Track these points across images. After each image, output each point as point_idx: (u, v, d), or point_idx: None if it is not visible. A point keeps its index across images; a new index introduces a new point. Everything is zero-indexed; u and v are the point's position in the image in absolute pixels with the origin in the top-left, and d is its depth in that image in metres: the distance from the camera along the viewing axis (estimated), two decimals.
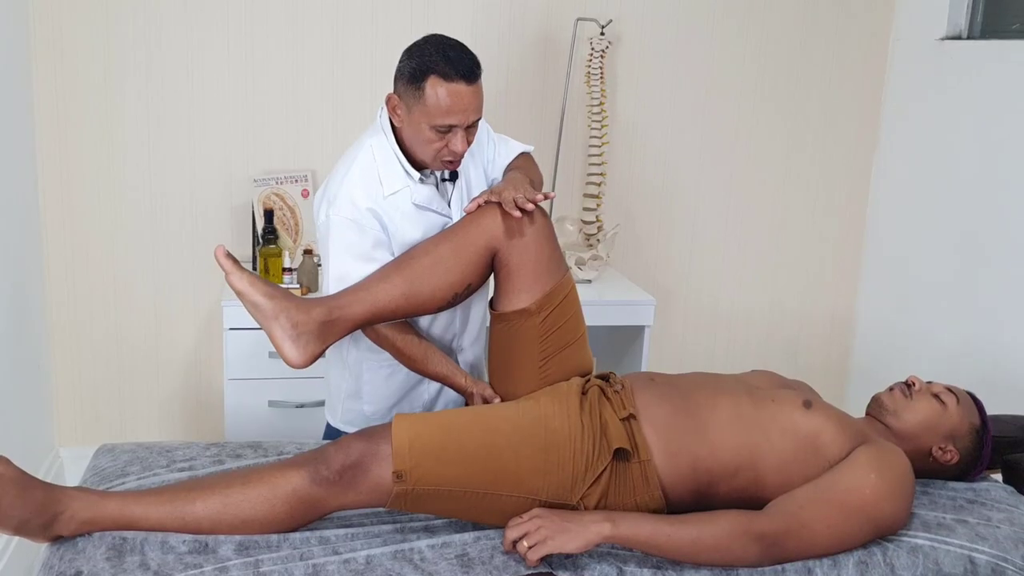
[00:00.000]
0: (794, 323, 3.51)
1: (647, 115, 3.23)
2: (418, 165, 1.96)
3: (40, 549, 1.70)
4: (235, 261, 1.72)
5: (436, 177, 2.01)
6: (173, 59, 2.88)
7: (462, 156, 1.90)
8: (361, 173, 1.93)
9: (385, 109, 1.96)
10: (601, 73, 3.03)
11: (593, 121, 3.06)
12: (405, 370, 2.03)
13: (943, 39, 3.11)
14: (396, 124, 1.92)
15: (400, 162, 1.94)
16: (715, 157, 3.31)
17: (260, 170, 2.98)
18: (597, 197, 3.06)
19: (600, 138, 3.05)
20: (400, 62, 1.88)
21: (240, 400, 2.70)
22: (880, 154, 3.40)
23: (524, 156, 2.15)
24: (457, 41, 1.88)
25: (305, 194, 2.98)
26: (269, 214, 2.84)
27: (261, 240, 2.83)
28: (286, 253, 2.77)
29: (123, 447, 2.00)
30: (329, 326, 1.78)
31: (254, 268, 2.91)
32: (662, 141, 3.26)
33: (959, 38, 3.10)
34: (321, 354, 1.79)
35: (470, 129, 1.89)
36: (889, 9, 3.30)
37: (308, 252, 2.79)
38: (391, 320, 1.89)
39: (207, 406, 3.12)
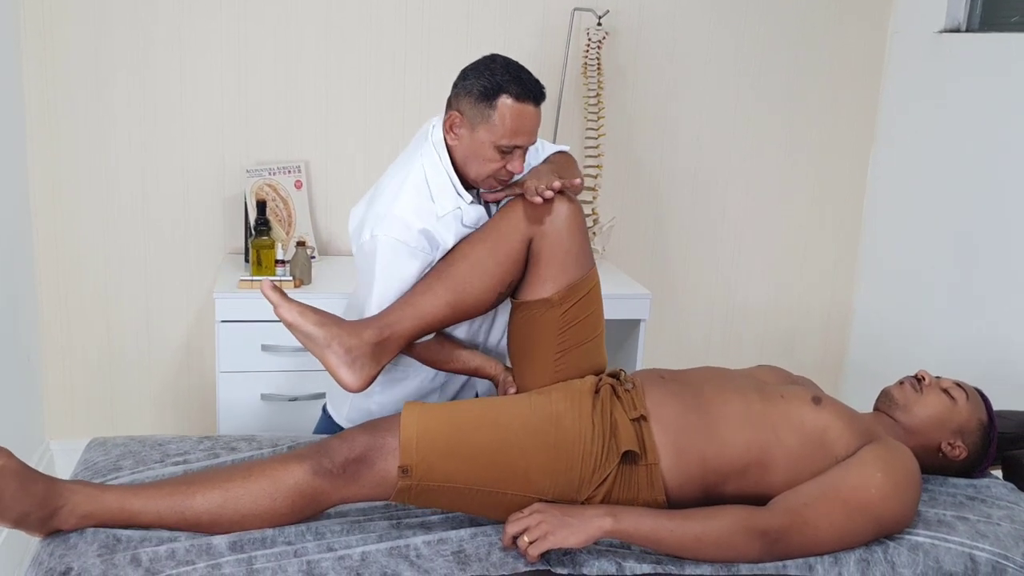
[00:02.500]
0: (790, 318, 3.50)
1: (644, 107, 3.21)
2: (467, 185, 1.94)
3: (30, 545, 1.67)
4: (283, 293, 1.73)
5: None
6: (165, 48, 2.85)
7: (517, 175, 1.89)
8: (415, 192, 1.88)
9: (438, 126, 1.92)
10: (598, 64, 3.00)
11: (589, 113, 3.03)
12: (419, 377, 2.02)
13: (942, 32, 3.10)
14: (450, 143, 1.88)
15: (452, 182, 1.90)
16: (712, 150, 3.29)
17: (253, 161, 2.95)
18: (593, 190, 3.04)
19: (597, 130, 3.03)
20: (465, 80, 1.86)
21: (233, 393, 2.68)
22: (878, 147, 3.38)
23: (560, 154, 2.11)
24: (518, 63, 1.89)
25: (298, 185, 2.95)
26: (262, 205, 2.81)
27: (253, 231, 2.80)
28: (279, 245, 2.74)
29: (115, 440, 1.97)
30: (381, 346, 1.78)
31: (246, 260, 2.89)
32: (659, 133, 3.24)
33: (958, 31, 3.09)
34: (377, 375, 1.79)
35: (526, 151, 1.88)
36: (888, 1, 3.28)
37: (301, 244, 2.76)
38: (439, 329, 1.88)
39: (199, 399, 3.09)
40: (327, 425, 2.19)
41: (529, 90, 1.83)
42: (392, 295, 1.87)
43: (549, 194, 1.81)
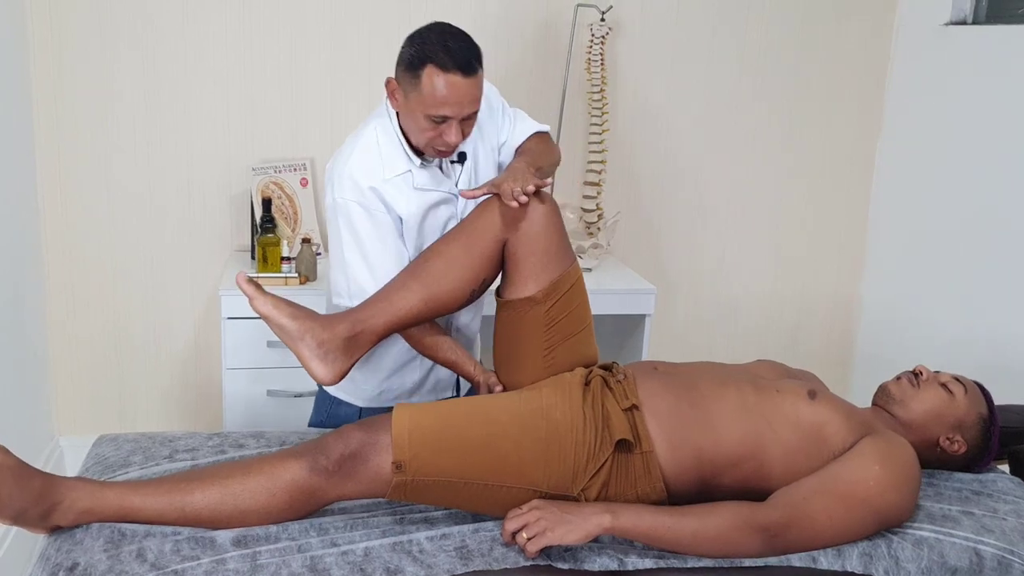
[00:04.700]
0: (797, 311, 3.49)
1: (648, 102, 3.20)
2: (418, 149, 1.96)
3: (37, 541, 1.68)
4: (258, 286, 1.73)
5: (439, 159, 2.00)
6: (170, 46, 2.86)
7: (456, 147, 1.89)
8: (363, 154, 1.93)
9: None
10: (601, 59, 3.00)
11: (593, 108, 3.03)
12: (399, 345, 2.03)
13: (948, 24, 3.09)
14: (394, 108, 1.92)
15: (402, 145, 1.93)
16: (717, 144, 3.29)
17: (258, 159, 2.96)
18: (598, 184, 3.04)
19: (600, 125, 3.03)
20: (402, 48, 1.86)
21: (238, 389, 2.69)
22: (884, 140, 3.37)
23: (537, 137, 2.11)
24: (460, 31, 1.85)
25: (304, 183, 2.96)
26: (267, 203, 2.82)
27: (259, 229, 2.81)
28: (284, 242, 2.75)
29: (126, 437, 1.99)
30: (354, 340, 1.78)
31: (252, 257, 2.90)
32: (663, 128, 3.24)
33: (964, 23, 3.08)
34: (349, 369, 1.80)
35: (466, 121, 1.87)
36: None
37: (306, 241, 2.77)
38: (414, 326, 1.89)
39: (205, 395, 3.10)
40: (325, 403, 2.20)
41: (455, 60, 1.78)
42: (359, 257, 1.92)
43: (524, 199, 1.81)
